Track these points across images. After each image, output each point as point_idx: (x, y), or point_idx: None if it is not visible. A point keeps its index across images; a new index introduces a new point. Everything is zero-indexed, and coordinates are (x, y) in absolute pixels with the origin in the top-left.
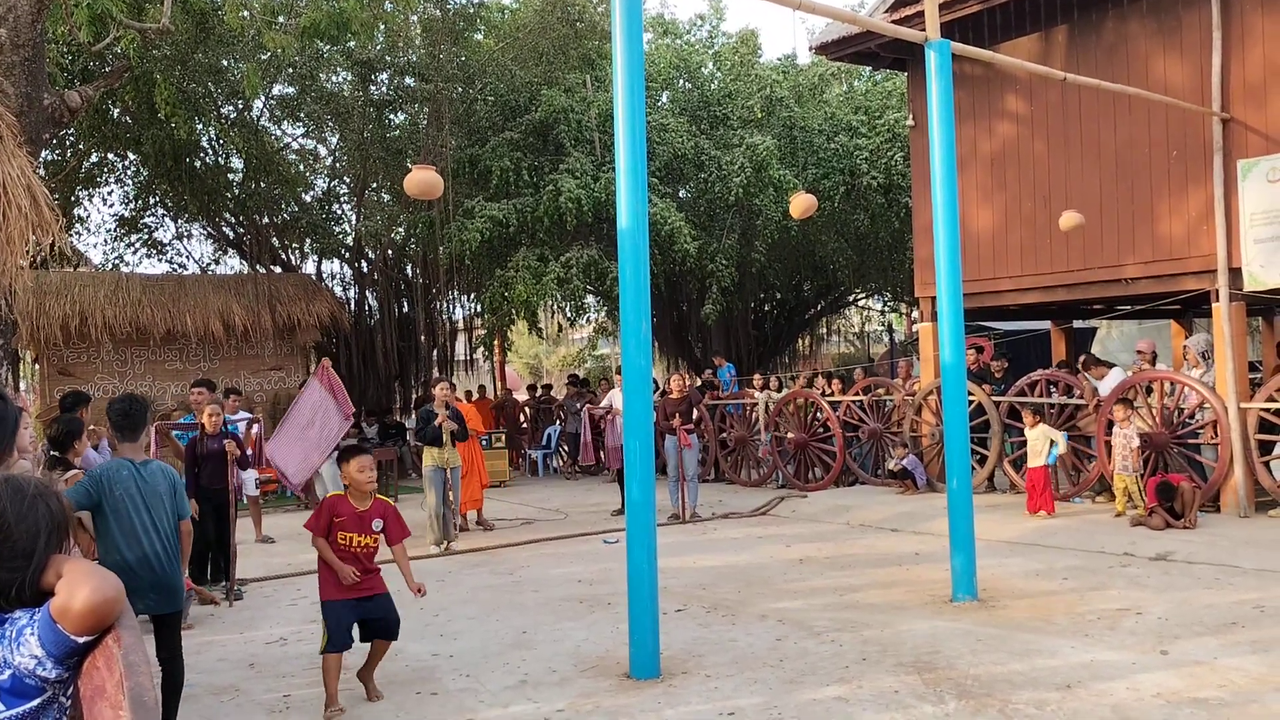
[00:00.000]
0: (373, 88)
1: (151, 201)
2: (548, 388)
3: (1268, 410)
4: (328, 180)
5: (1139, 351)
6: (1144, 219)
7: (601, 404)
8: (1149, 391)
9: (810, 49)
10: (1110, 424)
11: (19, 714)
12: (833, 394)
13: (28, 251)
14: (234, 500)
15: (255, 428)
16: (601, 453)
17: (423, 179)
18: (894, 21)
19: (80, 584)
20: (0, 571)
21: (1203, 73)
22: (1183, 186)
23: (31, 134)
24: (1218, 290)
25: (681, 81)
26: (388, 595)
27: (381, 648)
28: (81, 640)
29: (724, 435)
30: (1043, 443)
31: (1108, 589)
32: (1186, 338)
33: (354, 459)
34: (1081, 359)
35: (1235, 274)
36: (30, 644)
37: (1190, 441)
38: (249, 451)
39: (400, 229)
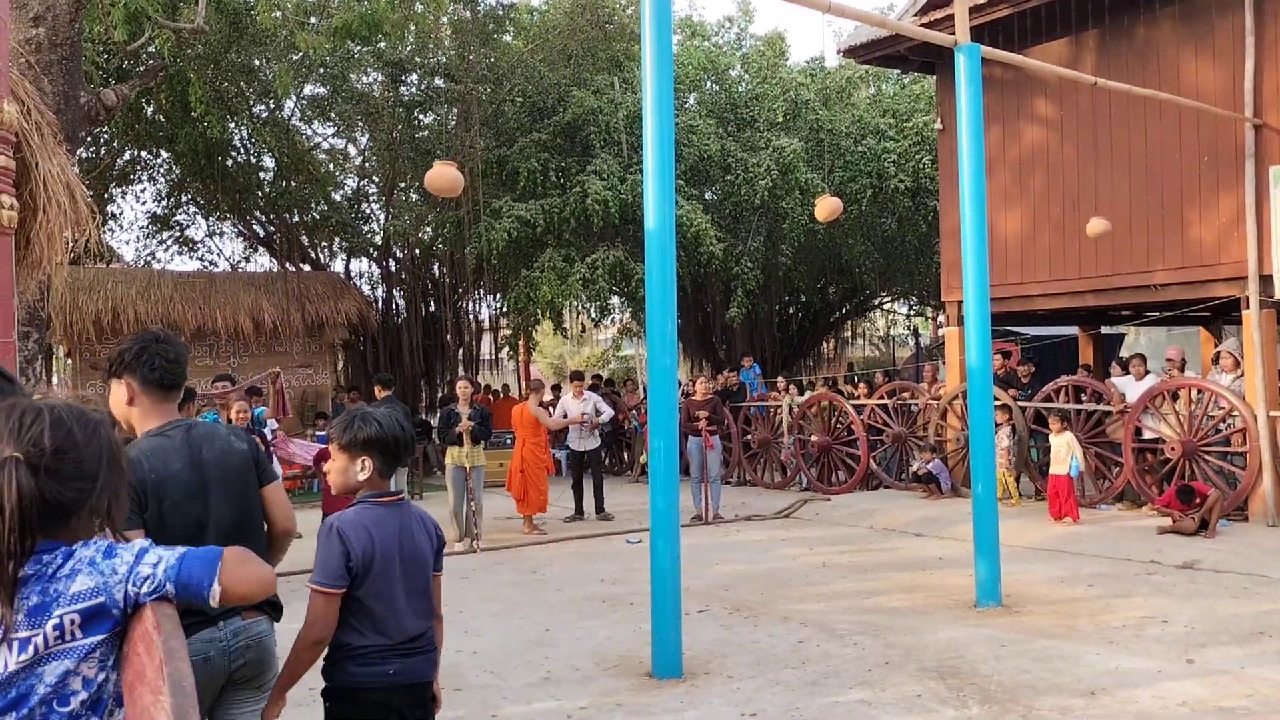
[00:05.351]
0: (403, 88)
1: (183, 199)
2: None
3: None
4: (357, 180)
5: (1168, 359)
6: (1174, 224)
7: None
8: (1175, 398)
9: (839, 52)
10: (1138, 430)
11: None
12: (857, 397)
13: (66, 248)
14: None
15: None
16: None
17: (444, 175)
18: (923, 25)
19: (252, 577)
20: (68, 491)
21: (1235, 78)
22: (1213, 192)
23: (68, 132)
24: (1248, 297)
25: (709, 83)
26: None
27: None
28: (214, 602)
29: (748, 437)
30: (1066, 449)
31: (1133, 596)
32: (1216, 345)
33: None
34: (1131, 358)
35: (1266, 281)
36: (159, 564)
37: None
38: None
39: (428, 228)
